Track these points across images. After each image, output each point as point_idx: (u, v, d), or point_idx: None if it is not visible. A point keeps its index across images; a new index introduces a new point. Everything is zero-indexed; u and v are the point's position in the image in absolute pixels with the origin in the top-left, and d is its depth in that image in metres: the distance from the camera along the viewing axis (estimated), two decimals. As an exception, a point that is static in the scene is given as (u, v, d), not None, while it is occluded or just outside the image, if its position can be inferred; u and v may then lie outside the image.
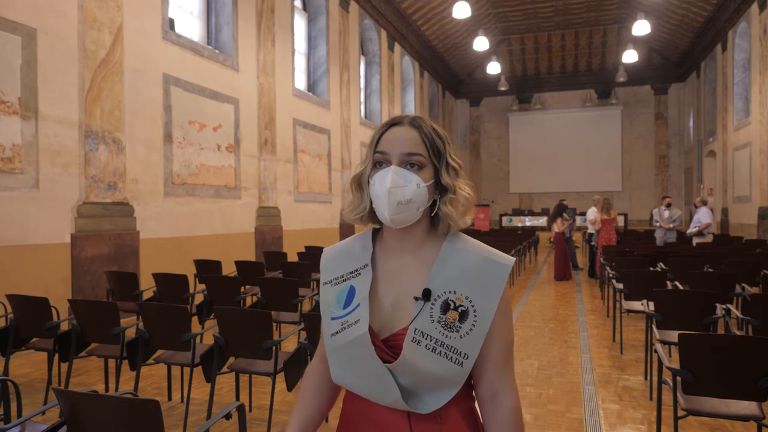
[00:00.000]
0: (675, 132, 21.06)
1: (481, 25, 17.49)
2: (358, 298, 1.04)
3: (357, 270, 1.08)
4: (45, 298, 3.55)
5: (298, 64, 11.25)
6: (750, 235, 12.12)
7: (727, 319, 3.72)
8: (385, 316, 1.04)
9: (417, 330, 0.99)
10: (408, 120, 1.07)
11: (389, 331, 1.03)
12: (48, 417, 3.22)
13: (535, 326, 5.89)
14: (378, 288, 1.06)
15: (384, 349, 1.01)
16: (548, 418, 3.30)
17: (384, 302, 1.05)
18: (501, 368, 1.03)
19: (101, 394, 1.66)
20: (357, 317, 1.02)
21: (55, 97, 5.51)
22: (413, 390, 1.00)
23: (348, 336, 1.01)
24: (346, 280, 1.09)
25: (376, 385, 1.00)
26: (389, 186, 0.99)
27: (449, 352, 0.98)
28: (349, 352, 1.02)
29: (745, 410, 2.40)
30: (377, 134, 1.07)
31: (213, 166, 7.93)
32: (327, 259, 1.15)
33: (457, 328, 0.99)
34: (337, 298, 1.08)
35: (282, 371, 3.01)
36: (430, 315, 1.00)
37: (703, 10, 14.80)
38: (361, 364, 1.01)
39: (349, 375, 1.04)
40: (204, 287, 4.65)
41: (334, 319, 1.05)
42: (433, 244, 1.07)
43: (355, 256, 1.11)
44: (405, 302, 1.03)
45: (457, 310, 1.00)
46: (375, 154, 1.06)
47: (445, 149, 1.06)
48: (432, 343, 0.98)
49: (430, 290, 1.01)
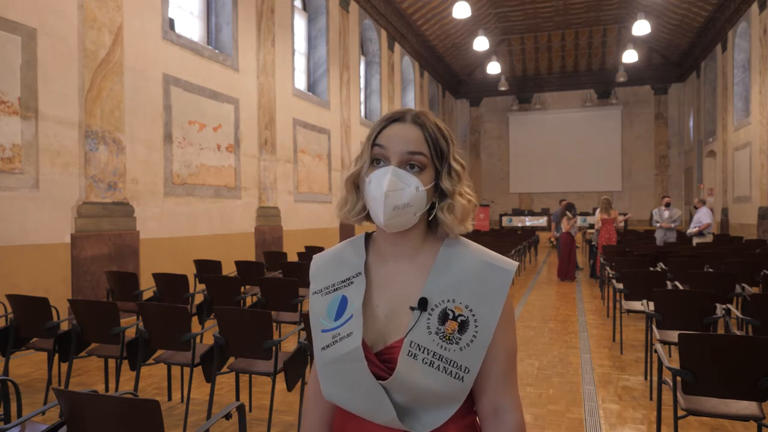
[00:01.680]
0: (675, 132, 21.06)
1: (481, 25, 17.49)
2: (351, 309, 0.97)
3: (349, 279, 1.01)
4: (45, 298, 3.55)
5: (298, 64, 11.25)
6: (750, 235, 12.12)
7: (727, 319, 3.72)
8: (379, 328, 0.96)
9: (413, 343, 0.92)
10: (411, 116, 0.99)
11: (383, 344, 0.95)
12: (48, 417, 3.22)
13: (535, 326, 5.89)
14: (372, 297, 0.99)
15: (378, 364, 0.94)
16: (548, 418, 3.30)
17: (378, 312, 0.98)
18: (504, 382, 0.96)
19: (101, 394, 1.66)
20: (349, 330, 0.95)
21: (55, 97, 5.51)
22: (410, 408, 0.93)
23: (340, 350, 0.94)
24: (337, 290, 1.01)
25: (369, 403, 0.93)
26: (386, 189, 0.92)
27: (448, 366, 0.91)
28: (341, 367, 0.94)
29: (745, 410, 2.40)
30: (376, 129, 1.00)
31: (213, 166, 7.93)
32: (317, 267, 1.07)
33: (456, 340, 0.92)
34: (327, 309, 1.00)
35: (282, 371, 3.01)
36: (428, 326, 0.93)
37: (703, 10, 14.80)
38: (353, 381, 0.93)
39: (340, 391, 0.97)
40: (204, 287, 4.65)
41: (325, 331, 0.98)
42: (431, 249, 1.00)
43: (347, 264, 1.03)
44: (400, 312, 0.96)
45: (457, 320, 0.93)
46: (373, 147, 0.98)
47: (448, 150, 0.99)
48: (429, 357, 0.91)
49: (427, 299, 0.94)
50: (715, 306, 3.53)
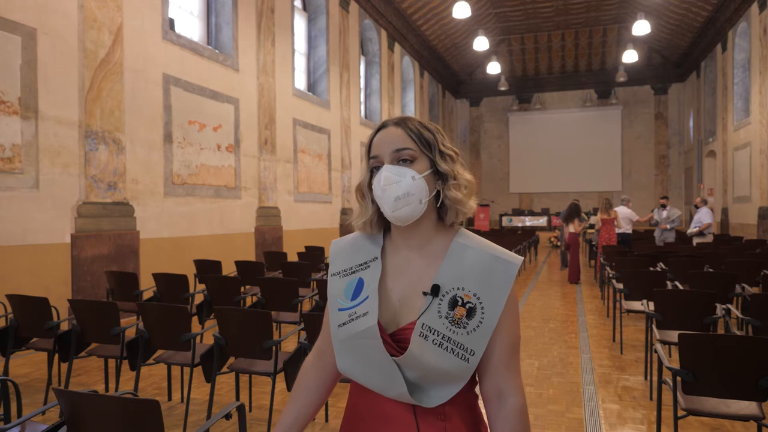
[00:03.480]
0: (675, 132, 21.06)
1: (481, 25, 17.49)
2: (367, 290, 1.05)
3: (366, 263, 1.09)
4: (45, 298, 3.55)
5: (298, 64, 11.25)
6: (750, 235, 12.12)
7: (727, 319, 3.73)
8: (392, 311, 1.05)
9: (425, 325, 1.00)
10: (393, 121, 1.09)
11: (395, 326, 1.04)
12: (48, 417, 3.22)
13: (535, 326, 5.89)
14: (386, 282, 1.07)
15: (391, 343, 1.02)
16: (548, 418, 3.31)
17: (392, 296, 1.06)
18: (507, 366, 1.04)
19: (101, 394, 1.66)
20: (365, 309, 1.03)
21: (55, 97, 5.51)
22: (419, 384, 1.01)
23: (356, 328, 1.02)
24: (354, 272, 1.09)
25: (382, 378, 1.01)
26: (383, 184, 1.02)
27: (456, 347, 0.99)
28: (357, 343, 1.02)
29: (745, 410, 2.40)
30: (369, 142, 1.10)
31: (213, 166, 7.93)
32: (336, 251, 1.16)
33: (464, 324, 1.00)
34: (345, 290, 1.08)
35: (282, 371, 3.01)
36: (438, 310, 1.01)
37: (703, 10, 14.80)
38: (368, 356, 1.02)
39: (355, 366, 1.04)
40: (204, 287, 4.65)
41: (342, 310, 1.06)
42: (442, 239, 1.08)
43: (364, 249, 1.11)
44: (413, 297, 1.04)
45: (465, 306, 1.01)
46: (370, 160, 1.08)
47: (435, 139, 1.07)
48: (439, 338, 0.99)
49: (439, 286, 1.02)
50: (715, 306, 3.53)
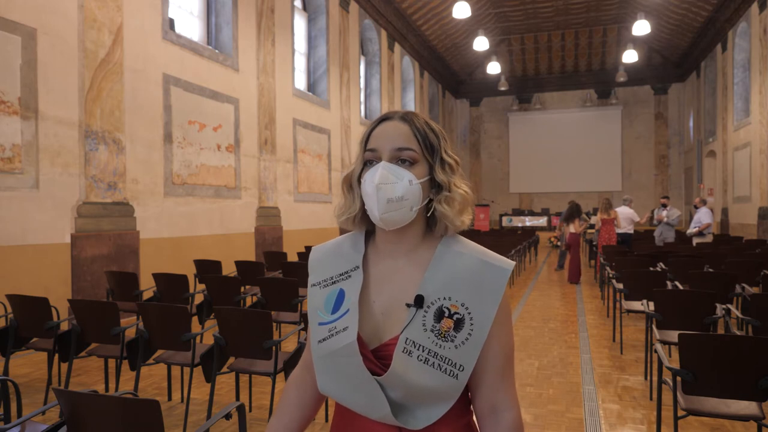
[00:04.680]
0: (675, 132, 21.06)
1: (481, 25, 17.49)
2: (348, 303, 0.97)
3: (347, 272, 1.01)
4: (45, 298, 3.55)
5: (298, 64, 11.25)
6: (750, 235, 12.12)
7: (727, 319, 3.72)
8: (375, 324, 0.96)
9: (408, 340, 0.92)
10: (399, 115, 1.00)
11: (378, 341, 0.96)
12: (48, 417, 3.22)
13: (535, 326, 5.89)
14: (369, 293, 0.99)
15: (373, 360, 0.94)
16: (548, 418, 3.30)
17: (374, 309, 0.98)
18: (500, 380, 0.96)
19: (101, 394, 1.66)
20: (345, 324, 0.95)
21: (55, 97, 5.51)
22: (404, 404, 0.93)
23: (335, 344, 0.94)
24: (335, 283, 1.01)
25: (364, 398, 0.93)
26: (378, 182, 0.93)
27: (443, 363, 0.91)
28: (337, 361, 0.95)
29: (745, 410, 2.40)
30: (367, 131, 1.01)
31: (213, 166, 7.93)
32: (316, 259, 1.07)
33: (452, 338, 0.92)
34: (325, 302, 1.00)
35: (282, 371, 3.01)
36: (423, 323, 0.92)
37: (703, 10, 14.80)
38: (348, 375, 0.94)
39: (335, 385, 0.97)
40: (204, 287, 4.65)
41: (322, 324, 0.98)
42: (429, 247, 1.00)
43: (345, 257, 1.03)
44: (396, 309, 0.96)
45: (452, 317, 0.92)
46: (365, 152, 1.00)
47: (439, 144, 0.99)
48: (425, 354, 0.91)
49: (423, 296, 0.93)
50: (715, 306, 3.53)
